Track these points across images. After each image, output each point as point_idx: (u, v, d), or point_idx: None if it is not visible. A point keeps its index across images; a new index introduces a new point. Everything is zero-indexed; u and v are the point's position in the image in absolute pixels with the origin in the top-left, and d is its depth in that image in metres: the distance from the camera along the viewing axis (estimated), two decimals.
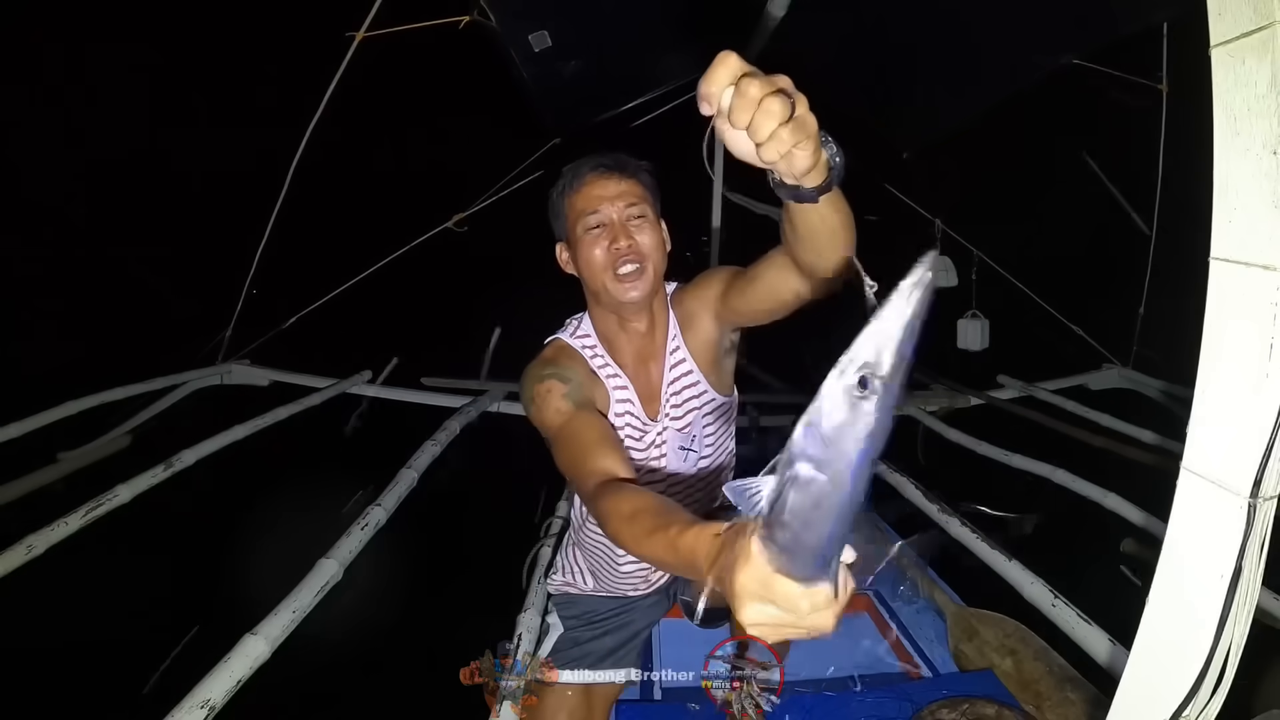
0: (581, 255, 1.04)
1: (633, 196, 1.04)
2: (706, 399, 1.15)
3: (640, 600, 1.32)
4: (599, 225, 1.03)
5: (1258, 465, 0.45)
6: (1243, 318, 0.46)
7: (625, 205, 1.03)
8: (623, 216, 1.03)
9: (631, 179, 1.06)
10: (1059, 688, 1.25)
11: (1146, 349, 3.08)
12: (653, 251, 1.04)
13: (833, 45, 2.71)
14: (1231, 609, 0.48)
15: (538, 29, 2.17)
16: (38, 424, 1.91)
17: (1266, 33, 0.43)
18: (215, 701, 0.96)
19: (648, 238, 1.04)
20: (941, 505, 1.75)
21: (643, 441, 1.13)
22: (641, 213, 1.04)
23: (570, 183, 1.07)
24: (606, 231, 1.03)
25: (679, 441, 1.14)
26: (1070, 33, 2.21)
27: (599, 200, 1.03)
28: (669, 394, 1.12)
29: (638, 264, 1.02)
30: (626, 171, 1.06)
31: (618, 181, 1.04)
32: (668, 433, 1.13)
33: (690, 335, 1.12)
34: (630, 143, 3.06)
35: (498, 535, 2.01)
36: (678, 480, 1.17)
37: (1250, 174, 0.45)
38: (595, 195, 1.04)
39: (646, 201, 1.06)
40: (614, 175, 1.05)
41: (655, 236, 1.05)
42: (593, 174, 1.05)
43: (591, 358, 1.10)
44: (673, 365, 1.12)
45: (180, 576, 2.51)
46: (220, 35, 4.87)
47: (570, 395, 0.99)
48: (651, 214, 1.06)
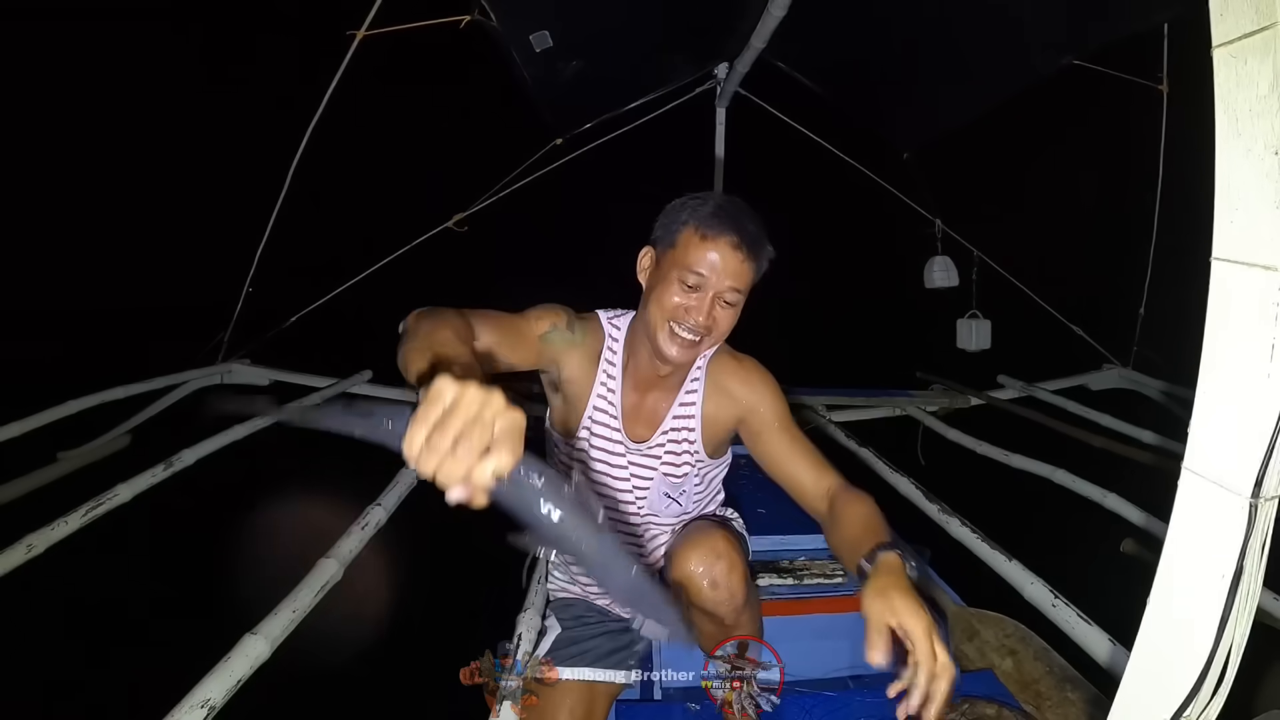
0: (660, 289, 1.02)
1: (741, 283, 1.02)
2: (698, 459, 1.16)
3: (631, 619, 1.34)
4: (695, 286, 1.00)
5: (1259, 465, 0.45)
6: (1244, 318, 0.46)
7: (730, 286, 1.00)
8: (720, 294, 1.01)
9: (754, 265, 1.03)
10: (1059, 688, 1.25)
11: (1146, 349, 3.08)
12: (719, 335, 1.04)
13: (833, 45, 2.71)
14: (1232, 609, 0.47)
15: (539, 29, 2.17)
16: (38, 424, 1.91)
17: (1269, 33, 0.43)
18: (215, 701, 0.96)
19: (724, 322, 1.03)
20: (941, 505, 1.75)
21: (623, 458, 1.14)
22: (735, 300, 1.02)
23: (703, 223, 1.00)
24: (697, 295, 1.00)
25: (664, 488, 1.16)
26: (1070, 33, 2.21)
27: (713, 267, 0.99)
28: (665, 441, 1.13)
29: (699, 336, 1.02)
30: (755, 256, 1.02)
31: (741, 261, 1.00)
32: (655, 476, 1.15)
33: (710, 406, 1.12)
34: (631, 142, 3.08)
35: (498, 535, 2.01)
36: (655, 520, 1.19)
37: (1252, 174, 0.45)
38: (713, 261, 0.99)
39: (747, 290, 1.04)
40: (742, 253, 1.00)
41: (730, 323, 1.05)
42: (729, 238, 0.99)
43: (606, 349, 1.11)
44: (677, 416, 1.12)
45: (180, 576, 2.51)
46: (221, 34, 4.87)
47: (552, 335, 1.02)
48: (742, 303, 1.05)
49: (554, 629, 1.30)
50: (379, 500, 1.61)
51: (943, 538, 1.68)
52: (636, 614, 0.53)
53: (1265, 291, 0.45)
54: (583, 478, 0.73)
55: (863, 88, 2.99)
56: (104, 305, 4.17)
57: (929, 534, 1.73)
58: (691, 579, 1.04)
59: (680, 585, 1.06)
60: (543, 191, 3.13)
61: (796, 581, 1.73)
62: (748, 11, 2.37)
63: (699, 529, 1.11)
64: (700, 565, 1.04)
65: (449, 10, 2.13)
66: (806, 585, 1.73)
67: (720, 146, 3.23)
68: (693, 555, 1.05)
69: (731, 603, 1.05)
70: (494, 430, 0.48)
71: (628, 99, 2.97)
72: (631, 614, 0.53)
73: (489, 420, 0.48)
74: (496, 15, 2.10)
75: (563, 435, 1.18)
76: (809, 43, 2.68)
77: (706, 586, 1.03)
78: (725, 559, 1.05)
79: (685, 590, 1.06)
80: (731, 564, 1.05)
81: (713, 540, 1.06)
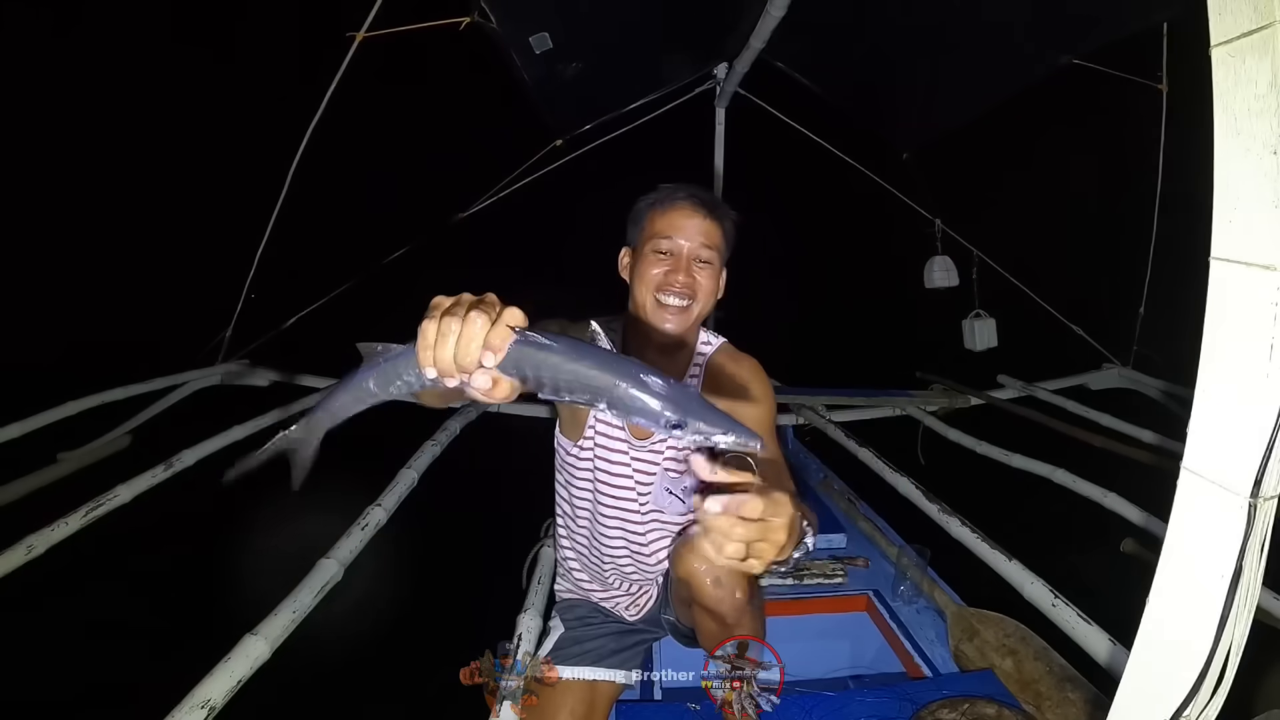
0: (639, 269, 1.08)
1: (711, 239, 1.07)
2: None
3: (636, 624, 1.34)
4: (668, 251, 1.06)
5: (1258, 465, 0.45)
6: (1243, 317, 0.46)
7: (701, 244, 1.06)
8: (693, 253, 1.06)
9: (717, 223, 1.09)
10: (1059, 688, 1.25)
11: (1146, 349, 3.08)
12: (705, 296, 1.08)
13: (833, 45, 2.71)
14: (1232, 609, 0.47)
15: (539, 31, 2.17)
16: (38, 424, 1.91)
17: (1267, 32, 0.43)
18: (215, 701, 0.96)
19: (706, 281, 1.07)
20: (941, 505, 1.75)
21: (626, 455, 1.16)
22: (710, 258, 1.08)
23: (661, 200, 1.09)
24: (672, 260, 1.06)
25: (667, 483, 1.17)
26: (1070, 33, 2.21)
27: (680, 229, 1.06)
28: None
29: (686, 300, 1.06)
30: (716, 214, 1.09)
31: (704, 219, 1.07)
32: (658, 471, 1.16)
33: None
34: (631, 143, 3.08)
35: (498, 535, 2.01)
36: (660, 518, 1.20)
37: (1250, 174, 0.45)
38: (679, 224, 1.07)
39: (719, 249, 1.09)
40: (703, 211, 1.07)
41: (713, 283, 1.09)
42: (686, 202, 1.07)
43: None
44: None
45: (180, 577, 2.51)
46: (221, 34, 4.87)
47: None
48: (718, 262, 1.10)
49: (558, 629, 1.31)
50: (379, 500, 1.61)
51: (943, 538, 1.68)
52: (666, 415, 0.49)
53: (1265, 291, 0.45)
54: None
55: (862, 88, 2.99)
56: (103, 305, 4.17)
57: (929, 534, 1.73)
58: (695, 576, 1.03)
59: (684, 582, 1.06)
60: (543, 191, 3.14)
61: (796, 581, 1.73)
62: (747, 11, 2.37)
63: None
64: (705, 562, 1.04)
65: (449, 12, 2.13)
66: (806, 585, 1.73)
67: (720, 146, 3.23)
68: (697, 552, 1.05)
69: (735, 602, 1.04)
70: (497, 306, 0.50)
71: (628, 99, 2.97)
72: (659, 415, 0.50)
73: (491, 300, 0.50)
74: (496, 17, 2.10)
75: (571, 441, 1.20)
76: (808, 43, 2.68)
77: (710, 584, 1.03)
78: None
79: (689, 588, 1.05)
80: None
81: None
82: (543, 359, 0.50)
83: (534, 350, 0.50)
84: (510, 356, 0.49)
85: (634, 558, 1.24)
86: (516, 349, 0.49)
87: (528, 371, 0.50)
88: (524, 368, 0.50)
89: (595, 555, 1.27)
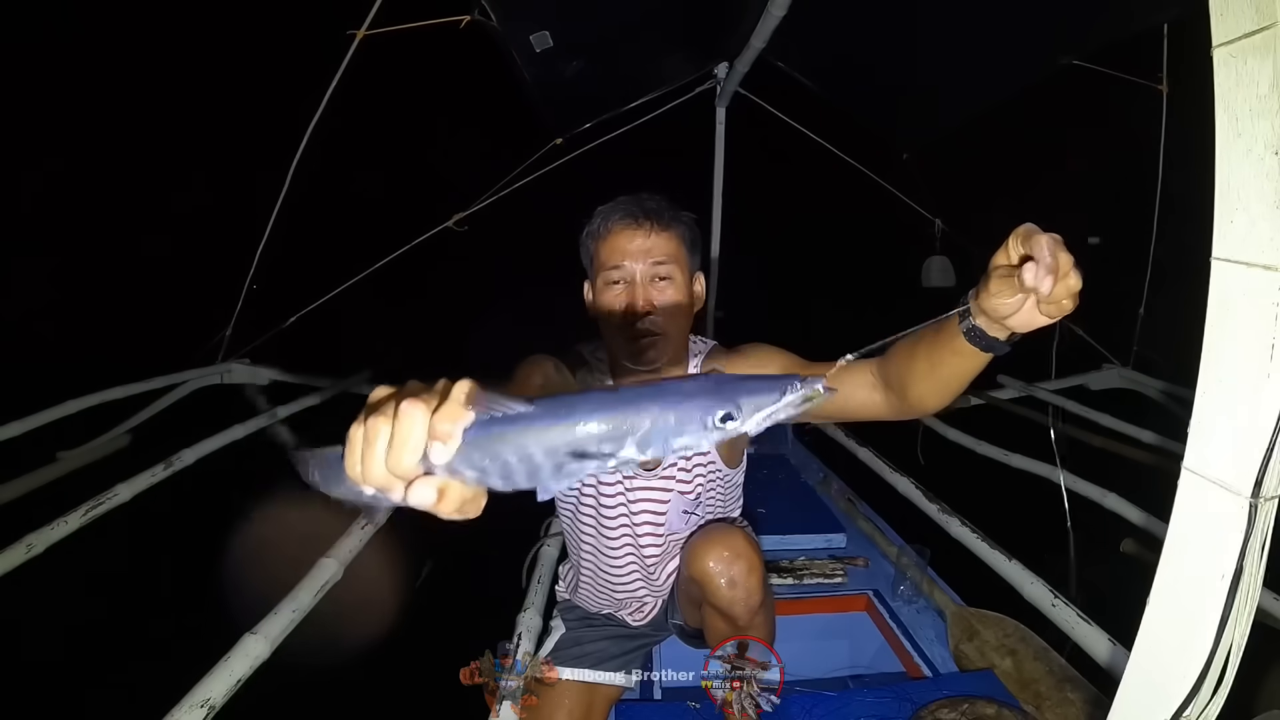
0: (600, 303, 0.99)
1: (661, 253, 0.97)
2: (714, 470, 1.14)
3: (640, 629, 1.34)
4: (620, 281, 0.97)
5: (1259, 465, 0.45)
6: (1243, 318, 0.46)
7: (651, 263, 0.96)
8: (646, 275, 0.96)
9: (663, 232, 0.98)
10: (1059, 688, 1.25)
11: (1146, 349, 3.08)
12: (673, 319, 0.98)
13: (833, 45, 2.71)
14: (1232, 609, 0.47)
15: (539, 29, 2.17)
16: (38, 424, 1.91)
17: (1269, 33, 0.43)
18: (215, 701, 0.97)
19: (670, 301, 0.96)
20: (941, 505, 1.75)
21: (630, 482, 1.12)
22: (668, 273, 0.97)
23: (599, 227, 1.00)
24: (627, 290, 0.96)
25: (682, 505, 1.14)
26: (1070, 33, 2.21)
27: (624, 253, 0.96)
28: (675, 459, 1.11)
29: (656, 334, 0.96)
30: (659, 224, 0.97)
31: (645, 235, 0.96)
32: (671, 496, 1.13)
33: None
34: (631, 143, 3.08)
35: (498, 535, 2.01)
36: (675, 538, 1.18)
37: (1252, 174, 0.45)
38: (621, 248, 0.96)
39: (676, 260, 0.98)
40: (643, 228, 0.96)
41: (681, 294, 0.98)
42: (620, 224, 0.97)
43: (596, 382, 1.10)
44: None
45: (180, 576, 2.50)
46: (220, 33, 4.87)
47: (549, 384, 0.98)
48: (680, 274, 0.99)
49: (559, 629, 1.30)
50: None
51: (943, 538, 1.68)
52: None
53: (1265, 291, 0.45)
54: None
55: (862, 88, 2.99)
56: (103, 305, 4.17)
57: (929, 534, 1.73)
58: (709, 577, 1.02)
59: (696, 583, 1.05)
60: (543, 191, 3.14)
61: (796, 581, 1.73)
62: (748, 11, 2.37)
63: (719, 528, 1.10)
64: (719, 564, 1.02)
65: (449, 10, 2.13)
66: (806, 585, 1.73)
67: (720, 146, 3.24)
68: (711, 553, 1.03)
69: (748, 603, 1.03)
70: (440, 395, 0.37)
71: (628, 99, 2.97)
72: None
73: (436, 389, 0.38)
74: (496, 16, 2.10)
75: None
76: (809, 43, 2.67)
77: (724, 585, 1.02)
78: (745, 559, 1.02)
79: (701, 588, 1.04)
80: (751, 565, 1.03)
81: (732, 539, 1.04)
82: (523, 435, 0.37)
83: (506, 428, 0.37)
84: (473, 444, 0.37)
85: (645, 580, 1.23)
86: (480, 432, 0.36)
87: (508, 457, 0.37)
88: (497, 453, 0.37)
89: (603, 578, 1.25)
